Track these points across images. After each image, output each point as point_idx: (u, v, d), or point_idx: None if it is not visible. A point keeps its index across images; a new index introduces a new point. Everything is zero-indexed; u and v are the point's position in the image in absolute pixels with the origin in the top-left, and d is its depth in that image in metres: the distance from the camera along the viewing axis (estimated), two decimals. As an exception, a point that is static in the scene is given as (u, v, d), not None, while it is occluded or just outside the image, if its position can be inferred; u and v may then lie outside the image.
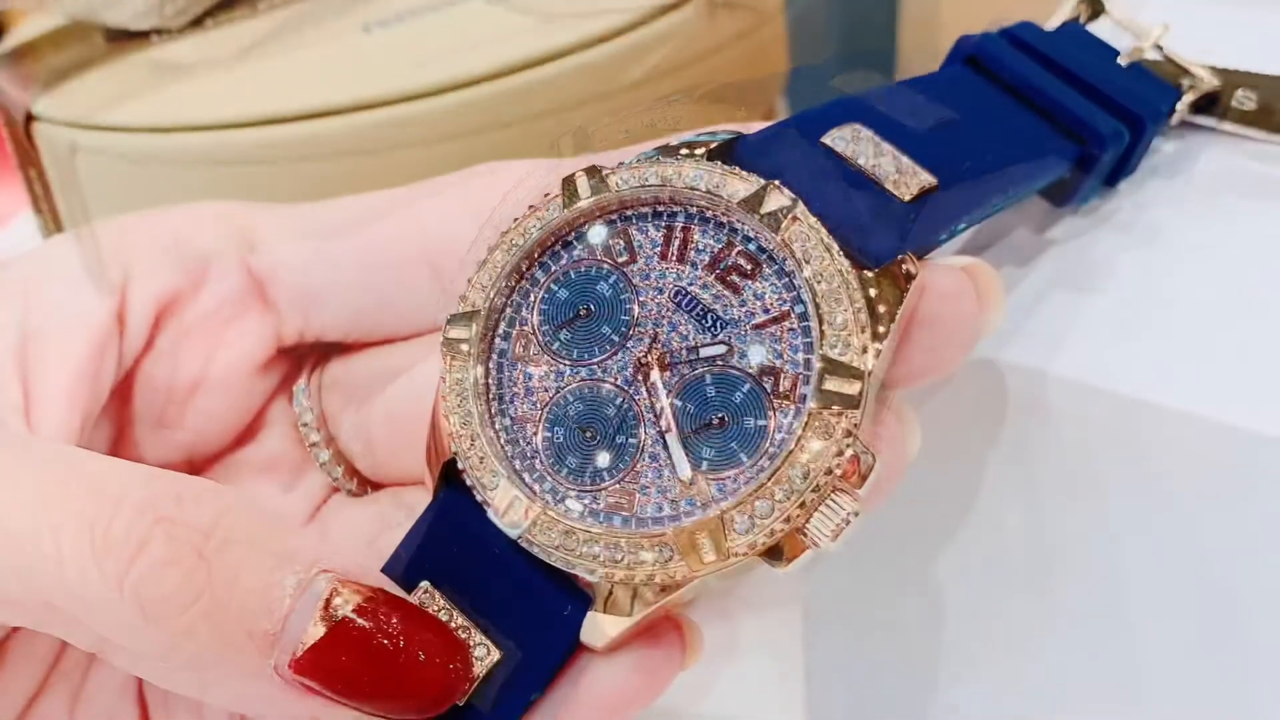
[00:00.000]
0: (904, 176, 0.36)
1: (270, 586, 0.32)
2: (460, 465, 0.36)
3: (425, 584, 0.36)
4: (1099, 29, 0.45)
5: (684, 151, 0.37)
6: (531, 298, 0.37)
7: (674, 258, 0.36)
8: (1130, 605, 0.41)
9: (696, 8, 0.63)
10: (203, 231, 0.42)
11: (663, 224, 0.37)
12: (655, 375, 0.35)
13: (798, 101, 0.81)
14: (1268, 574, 0.38)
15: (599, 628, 0.35)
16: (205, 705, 0.39)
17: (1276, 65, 0.47)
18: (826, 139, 0.37)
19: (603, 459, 0.35)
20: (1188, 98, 0.45)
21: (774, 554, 0.33)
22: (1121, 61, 0.44)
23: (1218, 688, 0.40)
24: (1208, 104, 0.46)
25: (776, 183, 0.35)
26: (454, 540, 0.36)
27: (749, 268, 0.36)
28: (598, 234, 0.37)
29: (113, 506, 0.32)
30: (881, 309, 0.34)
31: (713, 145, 0.37)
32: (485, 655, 0.35)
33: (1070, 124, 0.41)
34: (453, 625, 0.35)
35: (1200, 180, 0.44)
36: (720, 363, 0.35)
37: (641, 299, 0.36)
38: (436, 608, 0.35)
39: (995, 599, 0.44)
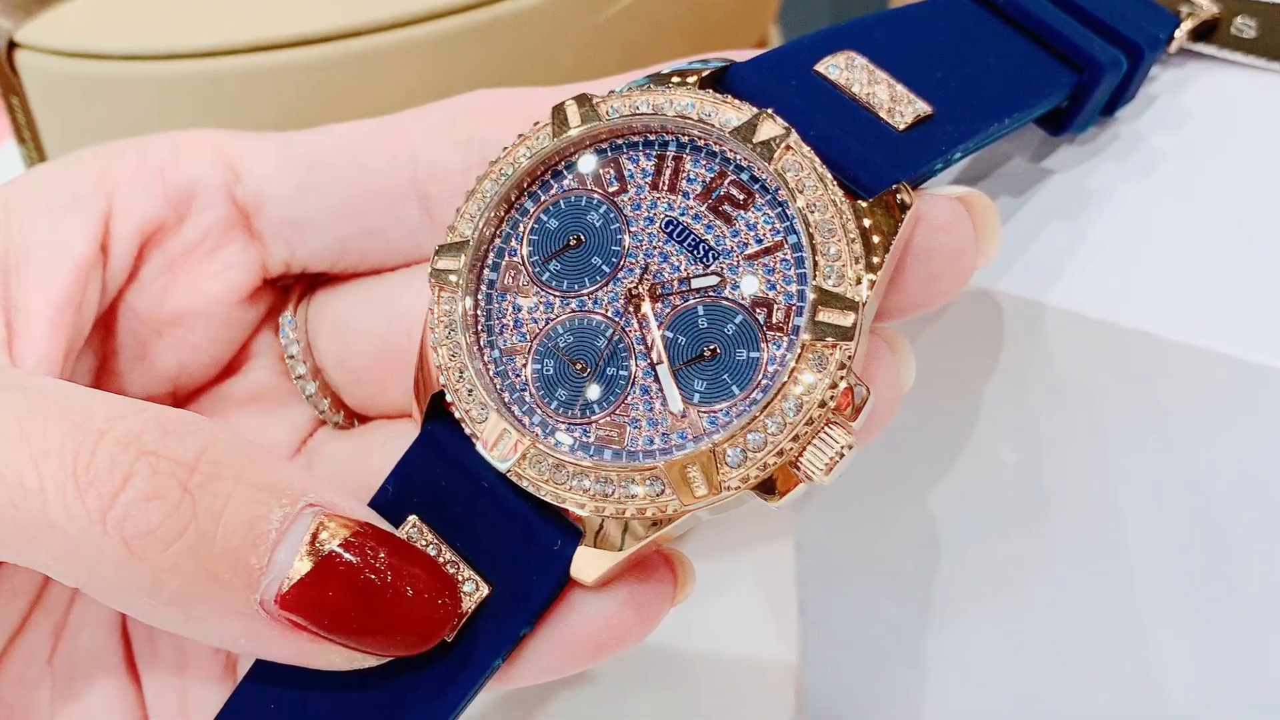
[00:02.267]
0: (899, 105, 0.36)
1: (256, 520, 0.32)
2: (448, 398, 0.35)
3: (413, 518, 0.36)
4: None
5: (675, 79, 0.37)
6: (521, 228, 0.37)
7: (665, 187, 0.36)
8: (1128, 539, 0.41)
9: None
10: (188, 160, 0.41)
11: (654, 153, 0.36)
12: (646, 307, 0.35)
13: (791, 29, 0.80)
14: (1267, 507, 0.38)
15: (589, 562, 0.34)
16: (190, 641, 0.39)
17: (1276, -8, 0.46)
18: (820, 67, 0.37)
19: (593, 391, 0.35)
20: (1186, 25, 0.45)
21: (766, 487, 0.33)
22: (1120, -12, 0.43)
23: (1216, 620, 0.40)
24: (1207, 31, 0.46)
25: (769, 111, 0.35)
26: (442, 474, 0.36)
27: (741, 198, 0.35)
28: (588, 163, 0.37)
29: (96, 439, 0.32)
30: (876, 240, 0.34)
31: (704, 73, 0.37)
32: (474, 590, 0.35)
33: (1067, 51, 0.40)
34: (441, 560, 0.35)
35: (1199, 108, 0.44)
36: (712, 294, 0.35)
37: (632, 229, 0.36)
38: (424, 542, 0.35)
39: (990, 532, 0.44)
